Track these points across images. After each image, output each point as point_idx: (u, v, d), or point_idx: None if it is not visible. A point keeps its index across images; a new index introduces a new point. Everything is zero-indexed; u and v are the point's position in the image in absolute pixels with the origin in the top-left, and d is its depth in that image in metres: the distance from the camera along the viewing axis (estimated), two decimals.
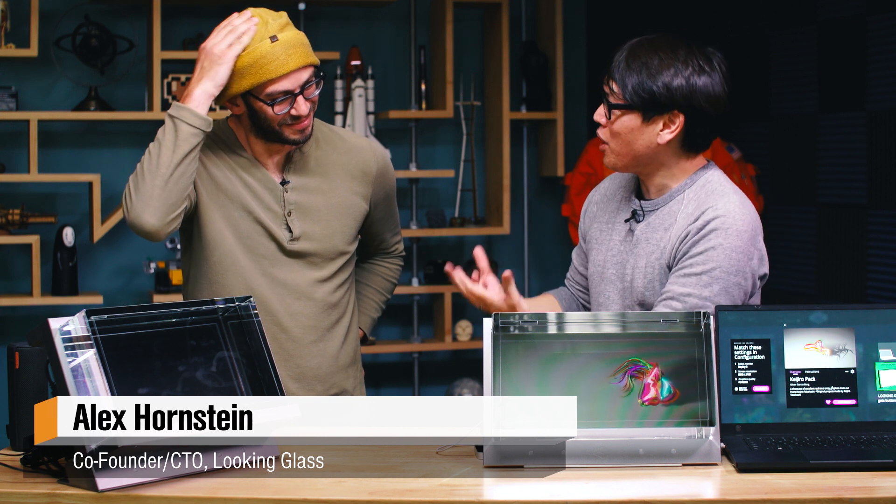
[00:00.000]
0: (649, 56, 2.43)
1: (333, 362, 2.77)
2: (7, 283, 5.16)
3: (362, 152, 2.80)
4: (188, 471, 2.06)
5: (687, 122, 2.44)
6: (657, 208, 2.51)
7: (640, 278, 2.48)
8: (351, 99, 5.24)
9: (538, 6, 5.64)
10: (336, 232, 2.74)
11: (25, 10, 4.88)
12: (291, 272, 2.70)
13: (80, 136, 5.21)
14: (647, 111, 2.43)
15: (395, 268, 3.04)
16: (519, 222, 5.72)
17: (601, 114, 2.50)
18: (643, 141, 2.46)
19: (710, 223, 2.39)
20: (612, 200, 2.64)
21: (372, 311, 2.99)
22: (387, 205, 2.89)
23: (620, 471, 2.07)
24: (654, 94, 2.41)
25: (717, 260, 2.37)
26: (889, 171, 4.20)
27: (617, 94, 2.45)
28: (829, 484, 1.98)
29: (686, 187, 2.49)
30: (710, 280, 2.36)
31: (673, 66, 2.42)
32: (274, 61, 2.59)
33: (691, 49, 2.45)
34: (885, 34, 4.21)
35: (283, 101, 2.61)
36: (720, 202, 2.42)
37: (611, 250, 2.58)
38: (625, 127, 2.46)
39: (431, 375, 5.71)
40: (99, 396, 1.98)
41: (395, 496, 1.95)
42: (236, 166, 2.70)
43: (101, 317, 2.04)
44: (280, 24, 2.62)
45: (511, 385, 2.12)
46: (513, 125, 5.64)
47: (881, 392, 2.24)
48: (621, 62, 2.45)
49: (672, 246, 2.44)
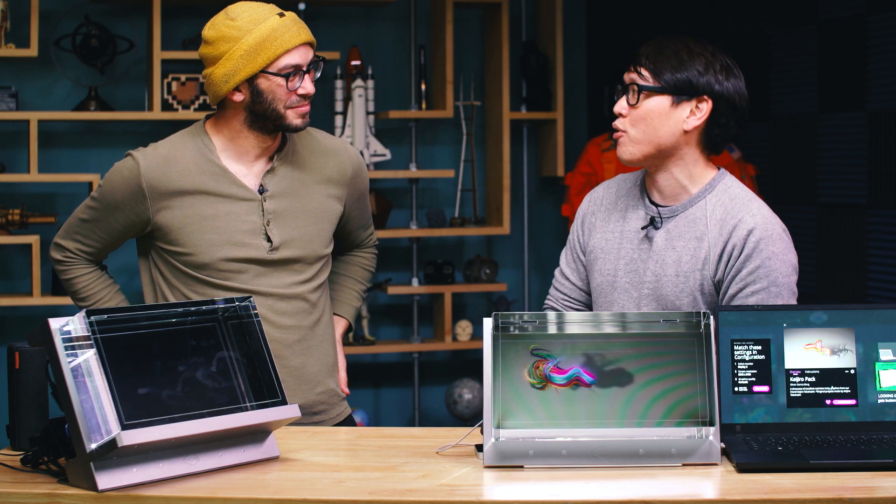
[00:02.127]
0: (679, 47, 2.51)
1: (317, 361, 2.78)
2: (7, 283, 5.16)
3: (337, 154, 2.80)
4: (188, 471, 2.06)
5: (713, 110, 2.48)
6: (676, 214, 2.52)
7: (669, 286, 2.49)
8: (351, 99, 5.24)
9: (538, 6, 5.64)
10: (315, 237, 2.74)
11: (25, 10, 4.88)
12: (273, 279, 2.70)
13: (80, 136, 5.21)
14: (678, 93, 2.48)
15: (371, 257, 3.06)
16: (519, 222, 5.72)
17: (623, 105, 2.53)
18: (668, 127, 2.49)
19: (751, 235, 2.45)
20: (615, 209, 2.63)
21: (354, 300, 3.00)
22: (360, 204, 2.90)
23: (620, 471, 2.07)
24: (687, 78, 2.47)
25: (775, 268, 2.44)
26: (889, 171, 4.20)
27: (647, 78, 2.50)
28: (829, 484, 1.98)
29: (706, 193, 2.52)
30: (778, 289, 2.43)
31: (703, 57, 2.50)
32: (287, 32, 2.61)
33: (718, 49, 2.53)
34: (885, 34, 4.21)
35: (294, 75, 2.63)
36: (751, 209, 2.48)
37: (622, 259, 2.57)
38: (652, 111, 2.49)
39: (431, 375, 5.71)
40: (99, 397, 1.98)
41: (395, 496, 1.95)
42: (210, 183, 2.67)
43: (101, 317, 2.04)
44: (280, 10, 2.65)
45: (511, 385, 2.12)
46: (513, 125, 5.64)
47: (881, 392, 2.24)
48: (651, 51, 2.51)
49: (715, 260, 2.47)
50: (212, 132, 2.72)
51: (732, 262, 2.45)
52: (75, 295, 2.83)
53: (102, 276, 2.84)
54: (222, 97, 2.66)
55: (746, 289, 2.43)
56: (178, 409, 2.05)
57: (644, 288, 2.52)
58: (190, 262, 2.68)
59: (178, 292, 2.70)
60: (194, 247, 2.67)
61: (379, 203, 5.34)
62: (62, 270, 2.81)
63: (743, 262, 2.44)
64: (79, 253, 2.79)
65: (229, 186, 2.68)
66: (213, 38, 2.64)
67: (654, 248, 2.53)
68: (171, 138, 2.74)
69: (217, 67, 2.63)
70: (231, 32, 2.61)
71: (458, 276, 5.67)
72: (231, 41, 2.61)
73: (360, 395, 5.60)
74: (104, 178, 2.74)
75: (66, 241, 2.80)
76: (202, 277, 2.68)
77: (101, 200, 2.73)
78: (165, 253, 2.70)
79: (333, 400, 2.83)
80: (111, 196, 2.71)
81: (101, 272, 2.84)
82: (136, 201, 2.68)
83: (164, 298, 2.72)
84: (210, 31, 2.66)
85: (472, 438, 2.23)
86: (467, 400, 5.40)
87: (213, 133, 2.72)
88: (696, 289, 2.48)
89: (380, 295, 5.59)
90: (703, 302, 2.47)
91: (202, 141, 2.70)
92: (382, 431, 2.47)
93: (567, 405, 2.12)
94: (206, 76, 2.67)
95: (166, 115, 4.98)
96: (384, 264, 5.49)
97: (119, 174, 2.70)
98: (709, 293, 2.48)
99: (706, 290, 2.47)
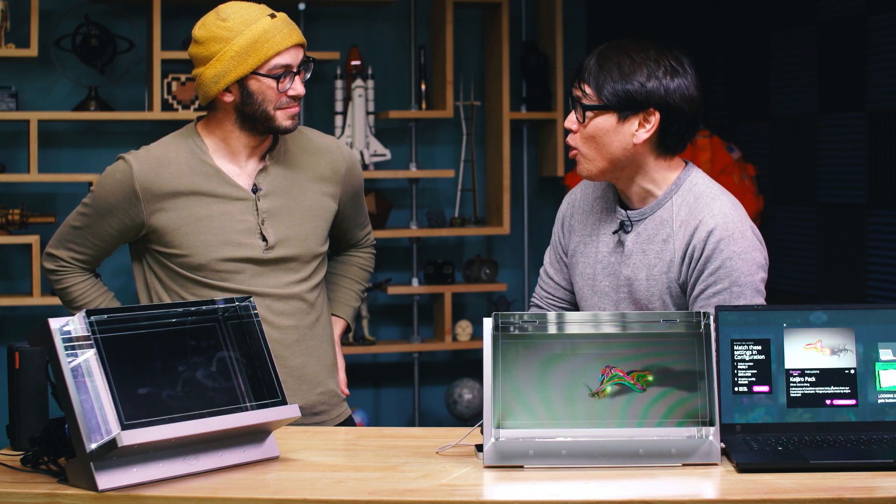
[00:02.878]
0: (621, 58, 2.44)
1: (316, 361, 2.77)
2: (7, 283, 5.16)
3: (330, 152, 2.80)
4: (188, 471, 2.06)
5: (662, 120, 2.44)
6: (645, 217, 2.51)
7: (641, 290, 2.48)
8: (351, 99, 5.24)
9: (538, 6, 5.64)
10: (310, 235, 2.74)
11: (25, 10, 4.88)
12: (270, 278, 2.70)
13: (80, 136, 5.21)
14: (623, 110, 2.43)
15: (369, 257, 3.05)
16: (519, 222, 5.72)
17: (573, 120, 2.49)
18: (618, 142, 2.45)
19: (711, 234, 2.41)
20: (591, 212, 2.62)
21: (352, 300, 3.00)
22: (355, 202, 2.89)
23: (620, 471, 2.07)
24: (629, 93, 2.42)
25: (737, 268, 2.40)
26: (889, 171, 4.20)
27: (590, 96, 2.45)
28: (829, 484, 1.98)
29: (672, 193, 2.49)
30: (740, 289, 2.40)
31: (645, 66, 2.43)
32: (278, 34, 2.60)
33: (661, 51, 2.46)
34: (885, 34, 4.21)
35: (284, 76, 2.62)
36: (713, 208, 2.44)
37: (599, 262, 2.57)
38: (599, 129, 2.45)
39: (431, 375, 5.71)
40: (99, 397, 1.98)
41: (395, 496, 1.95)
42: (204, 183, 2.67)
43: (101, 317, 2.04)
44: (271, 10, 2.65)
45: (511, 385, 2.12)
46: (513, 125, 5.64)
47: (881, 392, 2.24)
48: (593, 65, 2.46)
49: (678, 263, 2.45)
50: (203, 133, 2.71)
51: (694, 265, 2.43)
52: (70, 304, 2.81)
53: (97, 284, 2.82)
54: (212, 98, 2.66)
55: (708, 290, 2.41)
56: (178, 409, 2.05)
57: (621, 291, 2.52)
58: (186, 263, 2.67)
59: (174, 294, 2.70)
60: (190, 248, 2.66)
61: (379, 203, 5.34)
62: (56, 280, 2.79)
63: (704, 263, 2.41)
64: (72, 261, 2.77)
65: (223, 186, 2.68)
66: (203, 38, 2.63)
67: (626, 252, 2.52)
68: (163, 140, 2.73)
69: (207, 68, 2.62)
70: (222, 33, 2.60)
71: (458, 276, 5.67)
72: (222, 42, 2.60)
73: (360, 395, 5.60)
74: (96, 184, 2.72)
75: (58, 250, 2.77)
76: (198, 279, 2.67)
77: (93, 206, 2.71)
78: (161, 256, 2.70)
79: (333, 400, 2.83)
80: (104, 200, 2.69)
81: (96, 279, 2.83)
82: (129, 204, 2.67)
83: (161, 302, 2.71)
84: (200, 30, 2.64)
85: (472, 438, 2.23)
86: (467, 400, 5.40)
87: (204, 134, 2.71)
88: (665, 291, 2.47)
89: (380, 295, 5.59)
90: (672, 304, 2.47)
91: (194, 142, 2.70)
92: (382, 431, 2.47)
93: (567, 405, 2.12)
94: (196, 76, 2.66)
95: (166, 115, 4.98)
96: (384, 264, 5.49)
97: (112, 178, 2.69)
98: (676, 295, 2.47)
99: (673, 292, 2.46)
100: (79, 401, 1.96)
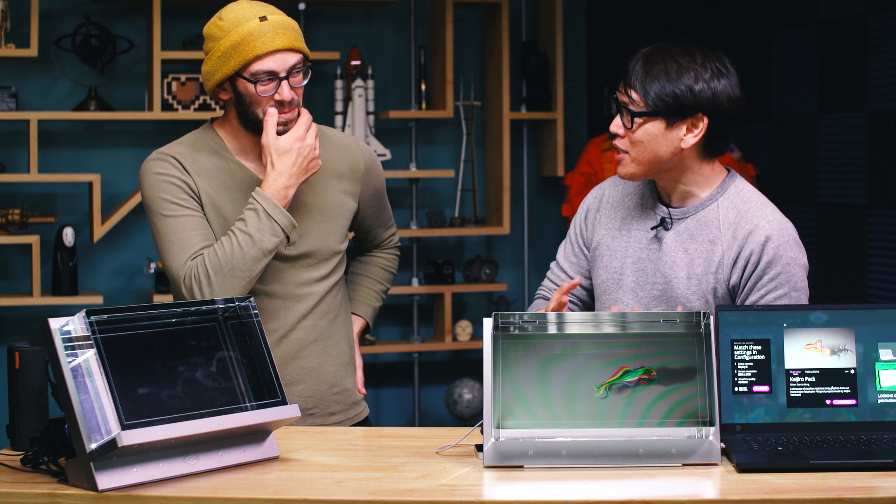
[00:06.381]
0: (667, 62, 2.44)
1: (334, 361, 2.77)
2: (7, 283, 5.16)
3: (349, 150, 2.80)
4: (188, 471, 2.06)
5: (710, 124, 2.45)
6: (687, 216, 2.52)
7: (681, 288, 2.48)
8: (351, 99, 5.24)
9: (538, 6, 5.64)
10: (329, 231, 2.73)
11: (25, 10, 4.88)
12: (290, 275, 2.70)
13: (80, 136, 5.21)
14: (671, 116, 2.43)
15: (393, 258, 3.05)
16: (519, 222, 5.72)
17: (618, 124, 2.48)
18: (666, 147, 2.46)
19: (769, 242, 2.45)
20: (620, 206, 2.62)
21: (373, 300, 2.99)
22: (377, 201, 2.89)
23: (620, 471, 2.07)
24: (678, 99, 2.42)
25: (794, 273, 2.45)
26: (889, 171, 4.20)
27: (638, 103, 2.45)
28: (829, 484, 1.98)
29: (718, 196, 2.51)
30: (798, 294, 2.45)
31: (693, 70, 2.43)
32: (261, 38, 2.57)
33: (706, 53, 2.47)
34: (885, 34, 4.21)
35: (267, 81, 2.59)
36: (765, 214, 2.49)
37: (629, 257, 2.56)
38: (648, 134, 2.45)
39: (431, 375, 5.71)
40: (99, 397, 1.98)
41: (395, 496, 1.95)
42: (228, 179, 2.67)
43: (101, 317, 2.04)
44: (273, 10, 2.62)
45: (511, 385, 2.12)
46: (513, 125, 5.64)
47: (881, 392, 2.24)
48: (639, 70, 2.45)
49: (729, 265, 2.46)
50: (218, 130, 2.73)
51: (751, 270, 2.44)
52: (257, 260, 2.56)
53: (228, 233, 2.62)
54: (210, 93, 2.68)
55: (769, 295, 2.43)
56: (178, 409, 2.05)
57: (654, 289, 2.51)
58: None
59: None
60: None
61: None
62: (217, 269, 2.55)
63: (763, 270, 2.44)
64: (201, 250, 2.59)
65: (248, 183, 2.68)
66: (205, 35, 2.67)
67: (664, 250, 2.52)
68: (183, 138, 2.73)
69: (204, 64, 2.66)
70: (215, 32, 2.62)
71: (458, 276, 5.67)
72: (214, 40, 2.62)
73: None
74: (145, 187, 2.63)
75: (188, 261, 2.58)
76: None
77: (164, 200, 2.61)
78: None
79: (350, 400, 2.82)
80: (167, 186, 2.60)
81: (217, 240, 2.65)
82: (185, 176, 2.62)
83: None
84: (206, 26, 2.67)
85: (472, 438, 2.23)
86: (467, 400, 5.40)
87: (219, 131, 2.72)
88: (709, 291, 2.47)
89: None
90: (715, 305, 2.47)
91: (212, 138, 2.71)
92: (382, 431, 2.47)
93: (567, 405, 2.12)
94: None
95: (166, 115, 4.98)
96: None
97: (158, 165, 2.63)
98: (721, 296, 2.47)
99: (719, 293, 2.47)
100: (79, 401, 1.96)
